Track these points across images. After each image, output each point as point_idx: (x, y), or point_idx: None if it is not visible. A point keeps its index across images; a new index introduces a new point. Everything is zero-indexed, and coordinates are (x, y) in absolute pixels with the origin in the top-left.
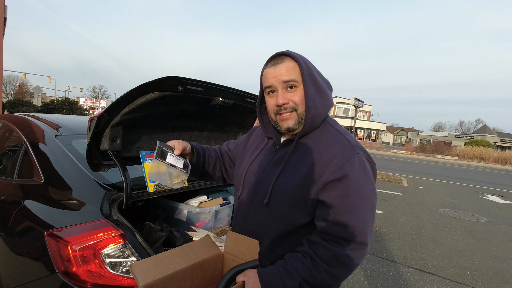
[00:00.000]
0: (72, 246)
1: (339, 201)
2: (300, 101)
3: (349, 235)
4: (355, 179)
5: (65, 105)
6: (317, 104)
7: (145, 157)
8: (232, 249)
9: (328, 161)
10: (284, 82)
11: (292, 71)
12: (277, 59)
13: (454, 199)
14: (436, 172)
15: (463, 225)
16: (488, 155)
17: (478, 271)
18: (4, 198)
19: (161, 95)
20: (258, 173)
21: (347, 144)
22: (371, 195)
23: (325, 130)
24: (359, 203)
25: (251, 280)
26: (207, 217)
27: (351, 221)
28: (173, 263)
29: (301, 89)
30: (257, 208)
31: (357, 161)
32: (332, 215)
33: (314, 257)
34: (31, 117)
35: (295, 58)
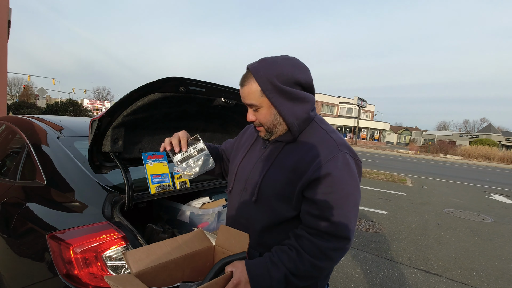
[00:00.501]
0: (74, 248)
1: (322, 198)
2: (264, 120)
3: (332, 230)
4: (338, 177)
5: (69, 107)
6: (298, 114)
7: (147, 159)
8: (223, 242)
9: (313, 159)
10: (247, 105)
11: (252, 95)
12: (244, 77)
13: (459, 199)
14: (440, 172)
15: (468, 225)
16: (493, 154)
17: (485, 272)
18: (7, 200)
19: (163, 96)
20: (247, 169)
21: (332, 142)
22: (354, 192)
23: (311, 129)
24: (342, 199)
25: (238, 270)
26: (210, 219)
27: (334, 217)
28: (165, 253)
29: (262, 110)
30: (246, 203)
31: (341, 159)
32: (316, 211)
33: (299, 249)
34: (34, 119)
35: (257, 78)
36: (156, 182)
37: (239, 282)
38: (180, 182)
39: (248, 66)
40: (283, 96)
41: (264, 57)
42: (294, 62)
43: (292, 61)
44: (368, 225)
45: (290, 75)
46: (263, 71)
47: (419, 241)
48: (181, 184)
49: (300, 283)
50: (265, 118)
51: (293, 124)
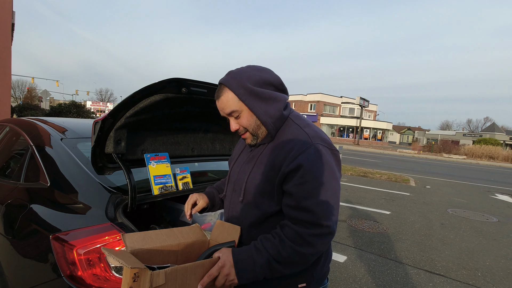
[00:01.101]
0: (77, 249)
1: (297, 189)
2: (247, 124)
3: (311, 219)
4: (310, 167)
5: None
6: (271, 113)
7: (149, 160)
8: (217, 236)
9: (287, 154)
10: (227, 114)
11: (230, 102)
12: (218, 90)
13: (463, 199)
14: (444, 172)
15: (473, 225)
16: (497, 153)
17: (490, 272)
18: (11, 201)
19: (165, 97)
20: (236, 172)
21: (305, 136)
22: (329, 180)
23: (286, 126)
24: (316, 189)
25: (225, 255)
26: (213, 220)
27: (310, 206)
28: (160, 240)
29: (243, 114)
30: (236, 203)
31: (312, 150)
32: (293, 202)
33: (282, 236)
34: (37, 121)
35: (230, 86)
36: (158, 183)
37: (224, 265)
38: (183, 183)
39: (220, 80)
40: (255, 97)
41: (230, 70)
42: (257, 67)
43: (256, 66)
44: (371, 225)
45: (258, 77)
46: (233, 80)
47: (423, 241)
48: (183, 185)
49: (284, 269)
50: (248, 121)
51: (268, 123)
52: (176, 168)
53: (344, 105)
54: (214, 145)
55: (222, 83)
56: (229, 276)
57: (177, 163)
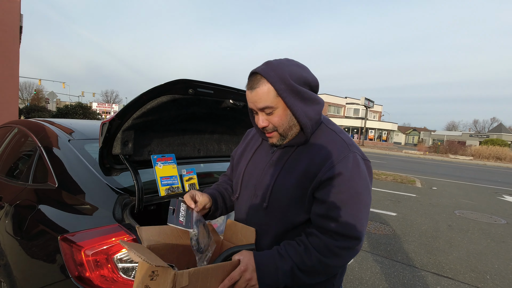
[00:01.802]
0: (85, 251)
1: (331, 198)
2: (279, 123)
3: (340, 230)
4: (348, 177)
5: (78, 110)
6: (310, 115)
7: (156, 161)
8: (230, 237)
9: (323, 160)
10: (259, 109)
11: (266, 96)
12: (253, 80)
13: (470, 200)
14: (450, 173)
15: (480, 227)
16: (504, 154)
17: (499, 275)
18: (20, 202)
19: (172, 98)
20: (256, 175)
21: (342, 143)
22: (364, 192)
23: (320, 130)
24: (350, 199)
25: (246, 258)
26: (219, 221)
27: (342, 217)
28: (175, 236)
29: (278, 111)
30: (257, 210)
31: (351, 159)
32: (325, 211)
33: (308, 245)
34: (45, 122)
35: (270, 79)
36: (165, 185)
37: (246, 268)
38: (189, 184)
39: (255, 69)
40: (295, 96)
41: (268, 60)
42: (297, 63)
43: (295, 62)
44: (377, 227)
45: (299, 75)
46: (273, 72)
47: (430, 243)
48: (190, 186)
49: (307, 278)
50: (281, 120)
51: (307, 125)
52: (182, 169)
53: (348, 106)
54: (220, 146)
55: (259, 73)
56: (250, 281)
57: (184, 164)
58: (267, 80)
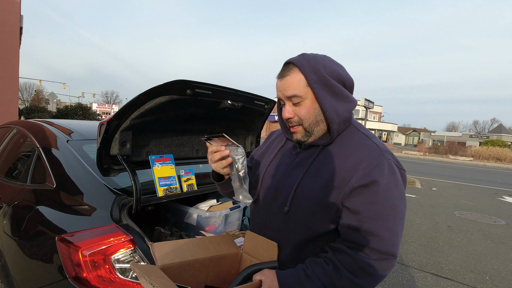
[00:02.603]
0: (83, 251)
1: (365, 208)
2: (305, 116)
3: (375, 244)
4: (384, 186)
5: (78, 111)
6: (339, 111)
7: (154, 161)
8: (250, 250)
9: (355, 166)
10: (288, 97)
11: (296, 85)
12: (285, 69)
13: (470, 201)
14: (450, 173)
15: (480, 228)
16: (504, 155)
17: (498, 276)
18: (18, 203)
19: (170, 99)
20: (278, 176)
21: (375, 148)
22: (400, 203)
23: (349, 133)
24: (387, 211)
25: (268, 280)
26: (217, 221)
27: (378, 230)
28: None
29: (306, 103)
30: (276, 214)
31: (386, 166)
32: (358, 223)
33: (337, 264)
34: (44, 123)
35: (302, 69)
36: (163, 185)
37: None
38: (187, 185)
39: (290, 59)
40: (327, 89)
41: (304, 53)
42: (333, 60)
43: (331, 58)
44: None
45: (333, 70)
46: (307, 62)
47: (430, 244)
48: (188, 187)
49: None
50: (308, 113)
51: (334, 121)
52: (180, 169)
53: None
54: None
55: (292, 63)
56: None
57: (182, 165)
58: (299, 69)
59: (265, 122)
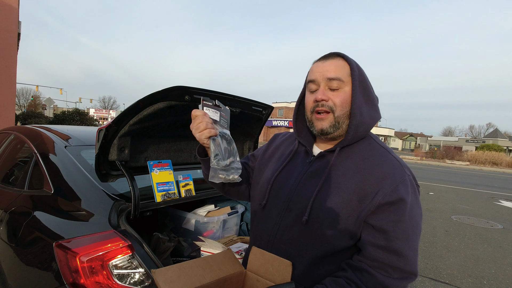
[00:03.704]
0: (80, 257)
1: (392, 227)
2: (340, 103)
3: (400, 264)
4: (410, 204)
5: (75, 116)
6: (363, 111)
7: (152, 167)
8: (257, 268)
9: (380, 181)
10: (328, 79)
11: (340, 69)
12: (329, 56)
13: (467, 206)
14: (447, 178)
15: (477, 232)
16: (500, 159)
17: (496, 280)
18: (15, 209)
19: (168, 105)
20: (291, 185)
21: (397, 164)
22: (420, 221)
23: (370, 145)
24: (412, 230)
25: None
26: (215, 227)
27: (404, 249)
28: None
29: (344, 91)
30: (291, 226)
31: (409, 183)
32: (384, 242)
33: (360, 285)
34: (42, 129)
35: (348, 60)
36: (161, 190)
37: None
38: (185, 190)
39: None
40: (362, 88)
41: None
42: None
43: None
44: None
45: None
46: (354, 62)
47: (427, 249)
48: (186, 192)
49: None
50: (343, 101)
51: (356, 117)
52: (179, 175)
53: None
54: None
55: (339, 55)
56: None
57: (180, 170)
58: (345, 60)
59: (262, 127)
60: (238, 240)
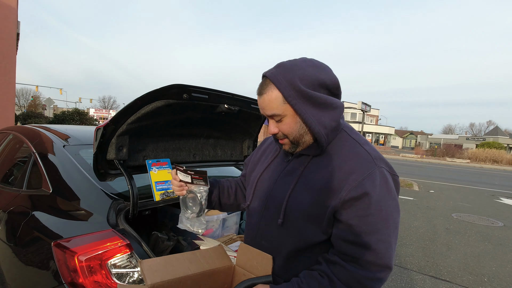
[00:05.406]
0: (79, 256)
1: (358, 221)
2: (289, 131)
3: (370, 257)
4: (377, 197)
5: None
6: (325, 122)
7: (151, 166)
8: (244, 263)
9: (346, 176)
10: (268, 116)
11: (273, 103)
12: (262, 85)
13: (467, 203)
14: (447, 176)
15: (478, 229)
16: (501, 157)
17: (496, 277)
18: (13, 208)
19: (167, 103)
20: (269, 184)
21: (367, 156)
22: (394, 212)
23: (341, 140)
24: (381, 223)
25: None
26: (215, 225)
27: (372, 243)
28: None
29: (287, 119)
30: (269, 224)
31: (378, 176)
32: (351, 236)
33: (332, 277)
34: (40, 128)
35: (277, 84)
36: (160, 189)
37: None
38: None
39: (265, 73)
40: (308, 102)
41: (281, 62)
42: (315, 63)
43: (313, 62)
44: None
45: (313, 77)
46: (283, 76)
47: (428, 247)
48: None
49: None
50: (290, 128)
51: (321, 134)
52: None
53: (345, 110)
54: (216, 150)
55: (268, 77)
56: None
57: None
58: (275, 85)
59: (262, 126)
60: (237, 239)
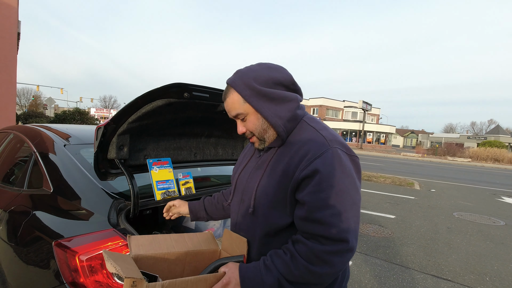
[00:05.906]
0: (80, 256)
1: (311, 198)
2: (253, 128)
3: (325, 232)
4: (327, 173)
5: (76, 115)
6: (281, 114)
7: (152, 165)
8: (226, 247)
9: (301, 159)
10: (233, 117)
11: (235, 104)
12: (225, 91)
13: (469, 202)
14: (449, 175)
15: (479, 229)
16: (502, 156)
17: (498, 277)
18: (14, 208)
19: (167, 102)
20: (244, 179)
21: (321, 139)
22: (349, 189)
23: (300, 129)
24: (333, 198)
25: (230, 271)
26: (216, 225)
27: (325, 218)
28: (168, 245)
29: (250, 117)
30: (244, 215)
31: (330, 155)
32: (306, 213)
33: (294, 253)
34: (41, 128)
35: (236, 88)
36: (161, 189)
37: (228, 282)
38: (185, 188)
39: (227, 80)
40: (263, 98)
41: (238, 69)
42: (269, 65)
43: (267, 65)
44: (376, 229)
45: (267, 77)
46: (239, 80)
47: (429, 246)
48: (186, 190)
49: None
50: (254, 125)
51: (278, 125)
52: (178, 173)
53: (346, 109)
54: (217, 150)
55: (228, 84)
56: None
57: (180, 168)
58: (234, 88)
59: None
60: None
